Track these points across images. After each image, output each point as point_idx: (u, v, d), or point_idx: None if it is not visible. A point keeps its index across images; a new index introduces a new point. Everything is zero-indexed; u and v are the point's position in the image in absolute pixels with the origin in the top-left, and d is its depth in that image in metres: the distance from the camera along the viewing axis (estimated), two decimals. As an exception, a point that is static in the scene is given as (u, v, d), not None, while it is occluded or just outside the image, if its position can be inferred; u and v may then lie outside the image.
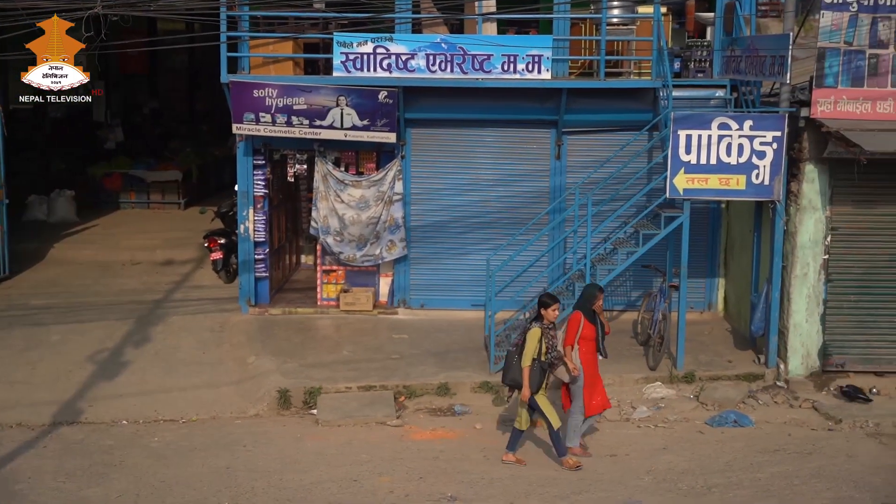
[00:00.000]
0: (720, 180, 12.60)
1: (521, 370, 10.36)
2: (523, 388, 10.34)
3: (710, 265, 15.39)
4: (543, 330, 10.43)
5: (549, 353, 10.43)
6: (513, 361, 10.53)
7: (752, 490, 9.56)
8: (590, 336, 10.86)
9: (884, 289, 12.89)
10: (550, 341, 10.46)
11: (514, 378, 10.51)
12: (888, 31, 12.20)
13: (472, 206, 15.28)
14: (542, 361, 10.37)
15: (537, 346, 10.34)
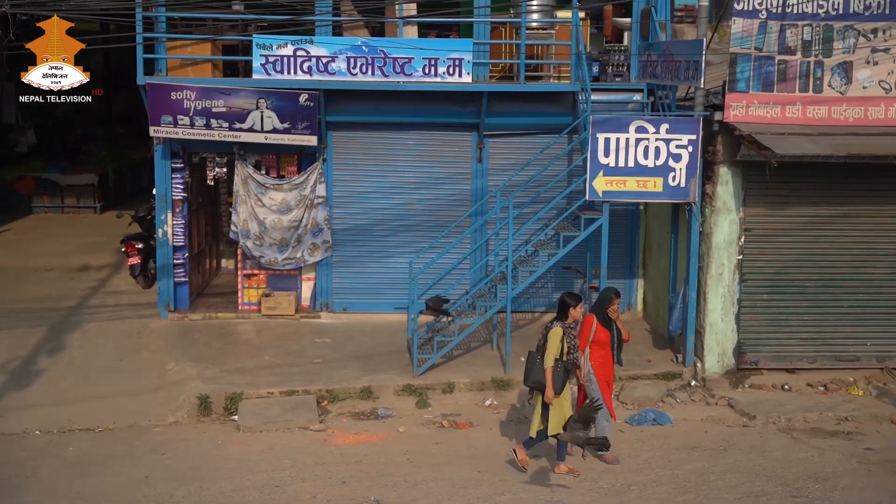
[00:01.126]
0: (638, 183, 12.80)
1: (543, 371, 10.14)
2: (547, 389, 10.10)
3: (629, 266, 15.65)
4: (565, 329, 10.25)
5: (572, 353, 10.27)
6: (535, 363, 10.29)
7: (670, 486, 9.74)
8: (603, 340, 10.73)
9: (794, 288, 13.24)
10: (572, 341, 10.30)
11: (537, 379, 10.25)
12: (795, 38, 12.55)
13: (395, 208, 15.28)
14: (564, 361, 10.17)
15: (560, 346, 10.14)
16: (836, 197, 13.06)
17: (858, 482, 9.70)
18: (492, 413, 12.39)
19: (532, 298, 15.49)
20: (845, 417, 12.05)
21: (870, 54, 12.65)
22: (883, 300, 13.27)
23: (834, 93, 12.74)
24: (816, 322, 13.30)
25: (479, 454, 10.99)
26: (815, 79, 12.72)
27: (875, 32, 12.60)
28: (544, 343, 10.26)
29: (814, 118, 12.75)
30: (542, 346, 10.27)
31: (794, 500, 9.17)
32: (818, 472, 10.09)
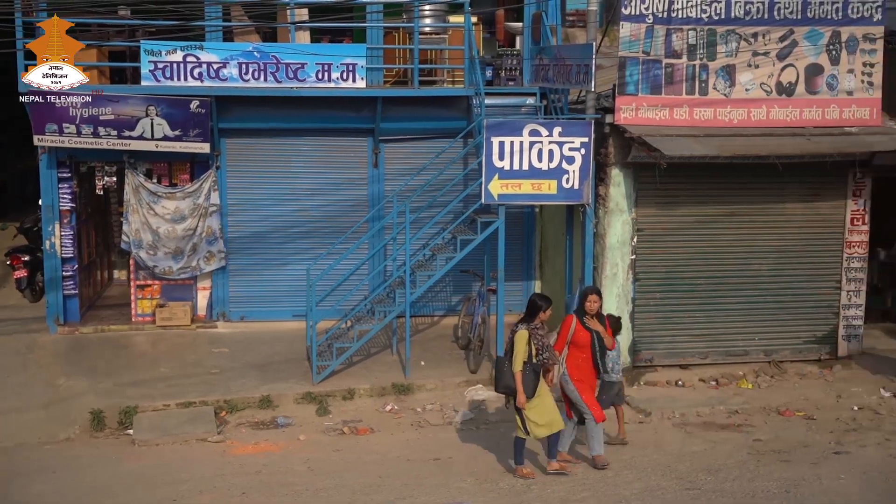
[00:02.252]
0: (533, 185, 12.94)
1: (513, 376, 9.92)
2: (518, 393, 9.89)
3: (526, 268, 15.83)
4: (531, 331, 9.98)
5: (541, 353, 9.98)
6: (504, 367, 10.06)
7: (569, 485, 9.86)
8: (582, 342, 10.35)
9: (685, 286, 13.58)
10: (540, 342, 9.99)
11: (506, 384, 10.02)
12: (681, 42, 12.88)
13: (292, 215, 15.15)
14: (534, 364, 9.94)
15: (527, 349, 9.90)
16: (722, 196, 13.44)
17: (748, 472, 9.99)
18: (393, 418, 12.37)
19: (431, 302, 15.53)
20: (735, 410, 12.40)
21: (751, 57, 13.07)
22: (768, 295, 13.71)
23: (719, 95, 13.11)
24: (707, 319, 13.67)
25: (380, 460, 10.96)
26: (700, 81, 13.07)
27: (755, 36, 13.03)
28: (511, 347, 10.03)
29: (700, 120, 13.10)
30: (510, 349, 10.06)
31: (687, 493, 9.37)
32: (710, 464, 10.35)
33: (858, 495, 9.03)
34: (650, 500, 9.22)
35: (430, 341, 14.83)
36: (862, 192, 13.61)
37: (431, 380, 13.21)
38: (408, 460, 10.96)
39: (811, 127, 13.24)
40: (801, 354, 13.88)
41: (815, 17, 12.99)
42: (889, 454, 10.48)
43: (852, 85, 13.21)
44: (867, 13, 13.05)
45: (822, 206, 13.66)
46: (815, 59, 13.14)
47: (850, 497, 8.98)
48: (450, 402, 12.80)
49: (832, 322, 13.86)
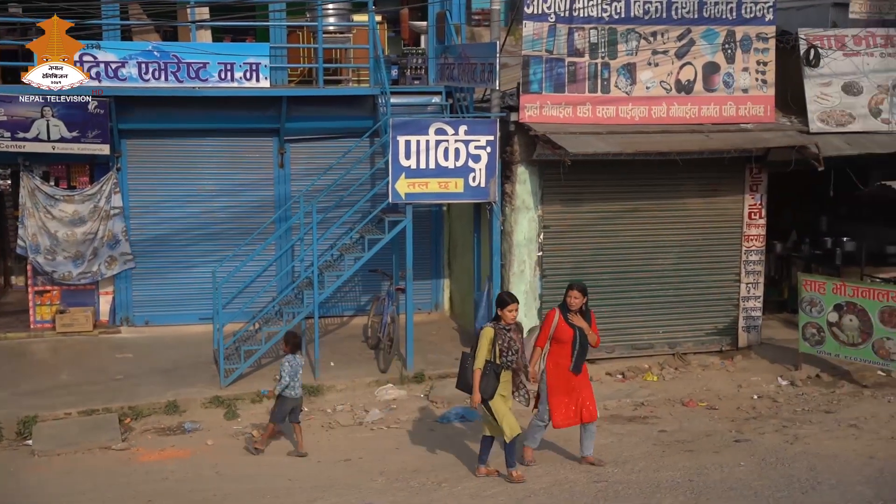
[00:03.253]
0: (440, 184, 12.99)
1: (473, 373, 9.60)
2: (473, 391, 9.58)
3: (434, 266, 15.87)
4: (497, 330, 9.61)
5: (505, 355, 9.58)
6: (467, 365, 9.74)
7: (480, 481, 9.91)
8: (565, 339, 9.98)
9: (591, 281, 13.56)
10: (507, 342, 9.59)
11: (466, 382, 9.73)
12: (583, 41, 13.08)
13: (196, 217, 14.92)
14: (496, 364, 9.57)
15: (490, 348, 9.54)
16: (625, 192, 13.68)
17: (654, 463, 10.18)
18: (303, 420, 12.24)
19: (340, 303, 15.46)
20: (642, 403, 12.64)
21: (651, 56, 13.34)
22: (671, 289, 14.02)
23: (620, 93, 13.35)
24: (613, 313, 13.87)
25: (290, 462, 10.85)
26: (602, 80, 13.29)
27: (655, 35, 13.30)
28: (475, 344, 9.72)
29: (603, 117, 13.32)
30: (474, 347, 9.73)
31: (595, 485, 9.51)
32: (618, 456, 10.52)
33: (757, 481, 9.29)
34: (559, 493, 9.33)
35: (339, 342, 14.75)
36: (758, 186, 14.00)
37: (341, 380, 13.15)
38: (318, 462, 10.88)
39: (709, 124, 13.58)
40: (704, 346, 14.23)
41: (711, 17, 13.32)
42: (786, 440, 10.81)
43: (747, 83, 13.58)
44: (759, 13, 13.44)
45: (720, 200, 14.01)
46: (711, 58, 13.48)
47: (750, 483, 9.23)
48: (360, 402, 12.75)
49: (732, 314, 14.23)
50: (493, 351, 9.57)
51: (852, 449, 10.40)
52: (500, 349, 9.57)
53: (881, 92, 13.97)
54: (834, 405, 12.28)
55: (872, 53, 13.99)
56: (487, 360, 9.57)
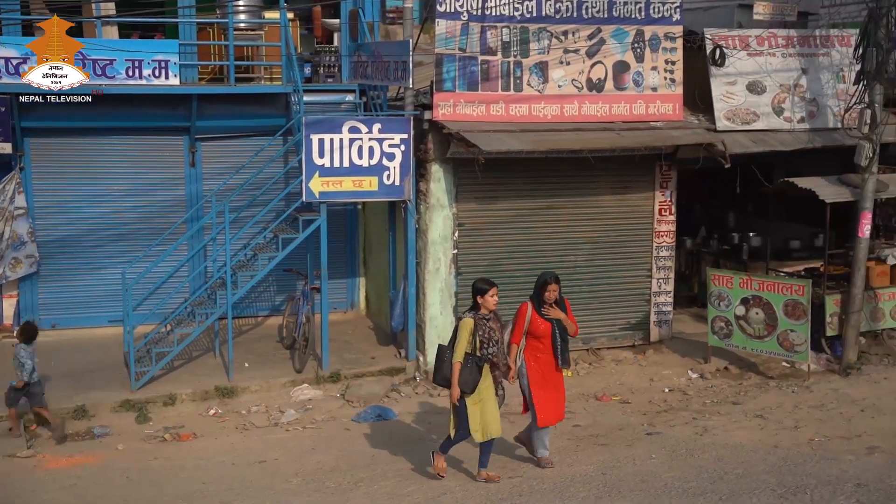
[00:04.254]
0: (354, 182, 12.94)
1: (452, 367, 9.10)
2: (452, 386, 9.10)
3: (350, 265, 15.81)
4: (477, 320, 9.11)
5: (486, 347, 9.10)
6: (444, 358, 9.24)
7: (396, 480, 9.90)
8: (541, 333, 9.57)
9: (506, 279, 13.61)
10: (487, 333, 9.10)
11: (444, 376, 9.23)
12: (496, 40, 13.15)
13: (105, 217, 14.63)
14: (477, 357, 9.10)
15: (470, 339, 9.06)
16: (539, 190, 13.81)
17: (568, 457, 10.29)
18: (217, 422, 12.11)
19: (255, 303, 15.30)
20: (557, 397, 12.76)
21: (563, 55, 13.48)
22: (584, 285, 14.19)
23: (533, 91, 13.46)
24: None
25: (203, 465, 10.69)
26: (515, 78, 13.38)
27: (566, 34, 13.45)
28: (454, 335, 9.26)
29: (516, 116, 13.42)
30: (453, 339, 9.27)
31: (510, 481, 9.55)
32: (533, 451, 10.61)
33: (668, 472, 9.46)
34: (474, 490, 9.36)
35: (254, 342, 14.59)
36: (668, 183, 14.27)
37: (256, 381, 13.01)
38: (232, 464, 10.74)
39: (620, 122, 13.79)
40: (617, 341, 14.45)
41: (621, 17, 13.53)
42: (696, 432, 11.04)
43: (656, 81, 13.83)
44: (667, 13, 13.70)
45: (632, 197, 14.24)
46: (621, 57, 13.69)
47: (661, 475, 9.40)
48: (275, 402, 12.64)
49: (644, 309, 14.48)
50: (473, 343, 9.08)
51: (758, 439, 10.67)
52: (480, 340, 9.09)
53: (783, 91, 14.36)
54: (741, 396, 12.60)
55: (774, 54, 14.38)
56: (467, 353, 9.09)
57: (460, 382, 9.10)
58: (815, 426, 11.09)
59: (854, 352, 13.51)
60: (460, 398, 9.17)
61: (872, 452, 9.97)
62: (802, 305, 12.93)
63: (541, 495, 9.02)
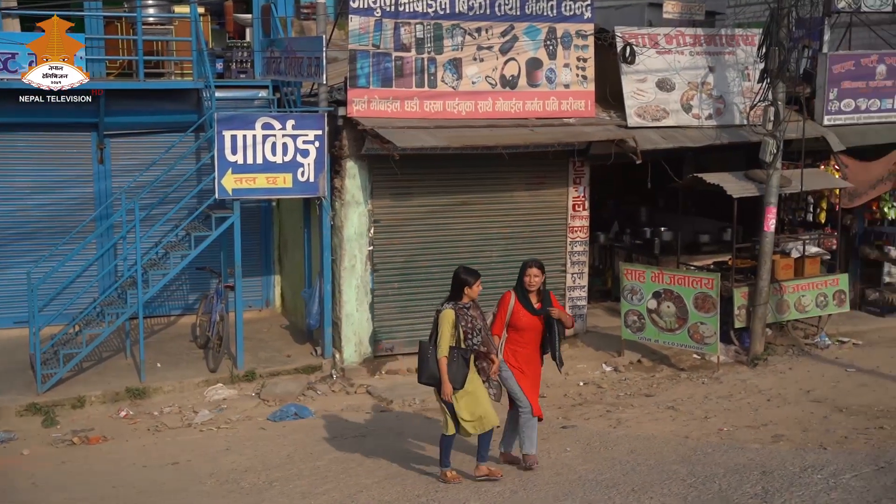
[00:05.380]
0: (268, 179, 12.80)
1: (437, 363, 8.69)
2: (442, 383, 8.66)
3: (265, 263, 15.65)
4: (458, 311, 8.74)
5: (470, 338, 8.73)
6: (428, 354, 8.78)
7: (312, 478, 9.85)
8: (523, 325, 9.05)
9: (422, 275, 13.89)
10: (470, 323, 8.72)
11: (431, 374, 8.76)
12: (409, 36, 13.13)
13: (9, 216, 14.21)
14: (462, 350, 8.70)
15: (453, 332, 8.67)
16: (454, 186, 13.84)
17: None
18: (128, 424, 11.87)
19: (167, 302, 15.05)
20: (473, 392, 12.82)
21: (476, 51, 13.51)
22: (500, 281, 14.13)
23: (447, 88, 13.46)
24: (444, 305, 14.02)
25: (113, 469, 10.47)
26: (429, 74, 13.37)
27: (479, 31, 13.48)
28: (435, 329, 8.85)
29: (431, 112, 13.40)
30: (433, 333, 8.88)
31: (426, 477, 9.58)
32: (450, 447, 10.65)
33: (582, 465, 9.59)
34: (390, 487, 9.37)
35: (167, 342, 14.34)
36: (582, 179, 14.45)
37: (169, 381, 12.79)
38: (144, 467, 10.54)
39: (534, 118, 13.88)
40: (533, 335, 14.55)
41: (533, 14, 13.62)
42: (609, 424, 11.22)
43: (569, 78, 13.98)
44: (578, 11, 13.84)
45: (546, 193, 14.37)
46: (534, 54, 13.80)
47: (575, 467, 9.52)
48: (189, 403, 12.45)
49: (559, 303, 14.61)
50: (456, 335, 8.71)
51: (669, 430, 10.89)
52: (463, 331, 8.72)
53: (691, 88, 14.65)
54: (654, 389, 12.84)
55: (683, 52, 14.65)
56: (452, 346, 8.71)
57: (449, 377, 8.70)
58: (723, 416, 11.36)
59: (761, 343, 13.88)
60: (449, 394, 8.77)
61: (777, 440, 10.27)
62: (712, 298, 13.23)
63: (456, 491, 9.06)
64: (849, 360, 13.69)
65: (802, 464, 8.99)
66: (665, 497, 8.33)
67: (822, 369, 13.30)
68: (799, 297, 14.35)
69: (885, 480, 8.25)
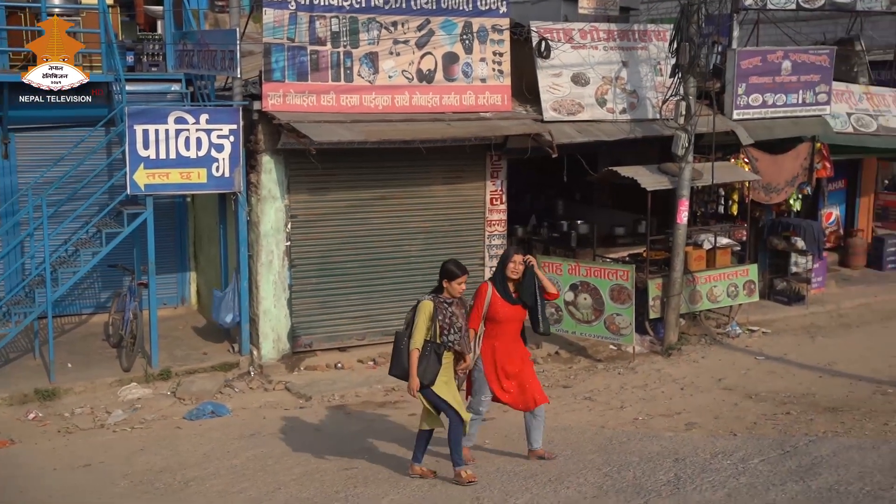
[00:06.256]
0: (181, 174, 12.60)
1: (409, 355, 8.32)
2: (410, 377, 8.31)
3: (180, 259, 15.41)
4: (437, 304, 8.37)
5: (448, 333, 8.33)
6: (402, 346, 8.41)
7: (229, 477, 9.72)
8: (501, 318, 8.69)
9: (341, 270, 13.82)
10: (448, 318, 8.32)
11: (402, 366, 8.39)
12: (325, 30, 13.03)
13: None
14: (437, 344, 8.32)
15: (429, 324, 8.31)
16: (373, 180, 13.80)
17: (403, 448, 10.29)
18: (37, 426, 11.56)
19: (78, 301, 14.72)
20: (392, 388, 12.78)
21: (392, 45, 13.48)
22: (419, 275, 14.23)
23: (364, 82, 13.41)
24: (363, 300, 13.99)
25: (21, 473, 10.17)
26: (345, 68, 13.30)
27: (395, 25, 13.45)
28: (412, 320, 8.45)
29: (347, 106, 13.34)
30: (410, 324, 8.48)
31: (345, 472, 9.55)
32: (367, 442, 10.60)
33: (499, 457, 9.66)
34: (308, 483, 9.31)
35: (78, 341, 14.01)
36: (499, 173, 14.53)
37: (80, 382, 12.50)
38: (54, 469, 10.27)
39: (451, 112, 13.90)
40: (452, 329, 14.58)
41: (449, 8, 13.64)
42: (525, 415, 11.31)
43: (485, 73, 14.04)
44: (494, 5, 13.91)
45: (464, 187, 14.43)
46: (451, 48, 13.82)
47: (493, 459, 9.58)
48: (102, 403, 12.19)
49: (478, 297, 14.69)
50: (432, 328, 8.36)
51: (587, 420, 11.04)
52: (440, 326, 8.33)
53: (606, 83, 14.85)
54: (571, 380, 12.99)
55: (597, 47, 14.84)
56: (427, 340, 8.35)
57: (419, 372, 8.33)
58: (639, 406, 11.56)
59: (675, 333, 14.17)
60: (421, 390, 8.42)
61: (690, 428, 10.49)
62: (627, 290, 13.45)
63: (376, 485, 9.04)
64: (758, 349, 14.07)
65: (713, 450, 9.20)
66: (581, 486, 8.44)
67: (734, 358, 13.64)
68: (711, 288, 14.68)
69: (790, 464, 8.49)
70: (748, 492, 7.88)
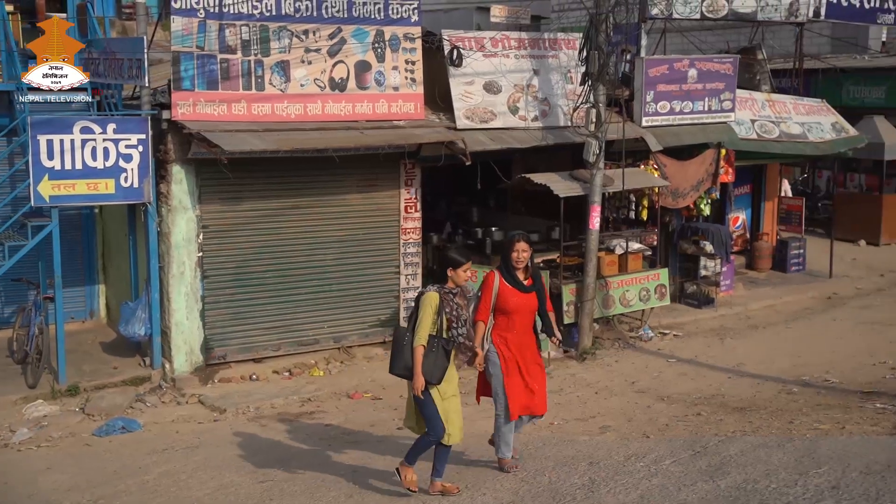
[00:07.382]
0: (88, 185, 12.33)
1: (413, 352, 7.66)
2: (415, 375, 7.65)
3: (88, 272, 15.07)
4: (443, 295, 7.73)
5: (455, 327, 7.73)
6: (403, 341, 7.74)
7: (140, 494, 9.51)
8: (510, 308, 8.10)
9: (255, 280, 13.67)
10: (455, 311, 7.72)
11: (405, 364, 7.73)
12: (235, 38, 12.89)
13: None
14: (444, 339, 7.70)
15: (435, 318, 7.67)
16: (286, 190, 13.68)
17: (319, 458, 10.23)
18: (-62, 448, 11.17)
19: (-19, 316, 14.27)
20: (308, 398, 12.73)
21: (304, 54, 13.41)
22: (334, 284, 14.22)
23: (276, 90, 13.30)
24: (278, 311, 13.86)
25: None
26: (256, 77, 13.17)
27: (307, 34, 13.38)
28: (416, 313, 7.80)
29: (259, 115, 13.21)
30: (413, 318, 7.84)
31: (261, 485, 9.43)
32: (284, 454, 10.51)
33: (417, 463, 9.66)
34: (223, 497, 9.17)
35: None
36: (413, 181, 14.55)
37: (-17, 400, 12.12)
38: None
39: (364, 121, 13.88)
40: (368, 338, 14.56)
41: (361, 17, 13.63)
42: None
43: (398, 81, 14.05)
44: (405, 14, 13.94)
45: (378, 195, 14.40)
46: (363, 57, 13.80)
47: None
48: (6, 422, 11.83)
49: (394, 305, 14.69)
50: (438, 322, 7.75)
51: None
52: (448, 320, 7.73)
53: (518, 91, 14.99)
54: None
55: (508, 55, 14.97)
56: (432, 335, 7.74)
57: (424, 371, 7.69)
58: (554, 410, 11.64)
59: (589, 338, 14.35)
60: (425, 390, 7.80)
61: (604, 431, 10.64)
62: (541, 296, 13.55)
63: (291, 497, 8.96)
64: (670, 351, 14.35)
65: (627, 452, 9.34)
66: (497, 492, 8.48)
67: (646, 361, 13.88)
68: (623, 292, 14.92)
69: (700, 464, 8.66)
70: (660, 493, 8.01)
